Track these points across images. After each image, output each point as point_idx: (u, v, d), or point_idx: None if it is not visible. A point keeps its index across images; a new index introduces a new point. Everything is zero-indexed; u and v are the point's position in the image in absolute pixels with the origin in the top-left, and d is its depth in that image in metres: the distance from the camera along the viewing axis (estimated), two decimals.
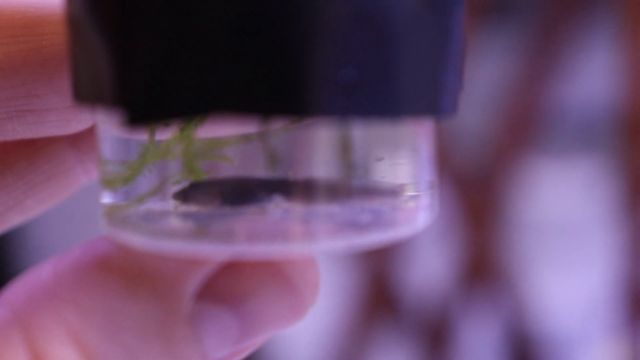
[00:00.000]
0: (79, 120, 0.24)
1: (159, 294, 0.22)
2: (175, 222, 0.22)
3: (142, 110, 0.20)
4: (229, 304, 0.23)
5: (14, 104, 0.24)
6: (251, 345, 0.23)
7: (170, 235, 0.22)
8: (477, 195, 1.08)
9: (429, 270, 1.09)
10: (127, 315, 0.22)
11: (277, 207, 0.22)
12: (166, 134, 0.22)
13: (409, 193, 0.23)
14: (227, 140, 0.22)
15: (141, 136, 0.22)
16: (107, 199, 0.23)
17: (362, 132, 0.22)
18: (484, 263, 1.08)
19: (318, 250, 0.22)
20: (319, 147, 0.22)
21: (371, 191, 0.22)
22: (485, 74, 1.08)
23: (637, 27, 1.02)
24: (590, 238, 1.11)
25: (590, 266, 1.10)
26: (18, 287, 0.22)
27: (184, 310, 0.22)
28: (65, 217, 1.20)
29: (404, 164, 0.23)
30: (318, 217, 0.22)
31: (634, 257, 1.04)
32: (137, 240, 0.22)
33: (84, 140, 0.26)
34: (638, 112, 1.03)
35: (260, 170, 0.22)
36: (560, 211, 1.15)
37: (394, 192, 0.22)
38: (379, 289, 1.09)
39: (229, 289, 0.23)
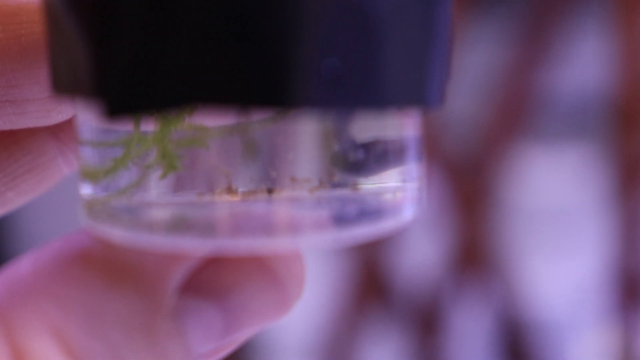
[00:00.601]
0: (60, 111, 0.24)
1: (141, 288, 0.22)
2: (155, 214, 0.22)
3: (120, 102, 0.19)
4: (212, 298, 0.22)
5: None
6: (236, 339, 0.23)
7: (151, 228, 0.22)
8: (468, 183, 1.08)
9: (420, 257, 1.09)
10: (109, 309, 0.21)
11: (260, 198, 0.22)
12: (149, 125, 0.22)
13: (396, 184, 0.22)
14: (208, 130, 0.21)
15: (122, 127, 0.22)
16: (86, 190, 0.23)
17: (346, 124, 0.22)
18: (475, 250, 1.08)
19: (302, 244, 0.22)
20: (302, 138, 0.22)
21: (357, 183, 0.22)
22: (476, 60, 1.08)
23: (629, 13, 1.02)
24: (582, 225, 1.11)
25: (581, 253, 1.09)
26: None
27: (167, 304, 0.22)
28: (50, 207, 1.20)
29: (390, 156, 0.22)
30: (302, 210, 0.22)
31: (625, 244, 1.04)
32: (117, 233, 0.21)
33: (64, 130, 0.26)
34: (629, 98, 1.03)
35: (240, 161, 0.22)
36: (552, 198, 1.14)
37: (379, 183, 0.22)
38: (370, 276, 1.09)
39: (212, 282, 0.22)
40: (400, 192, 0.22)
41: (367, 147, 0.22)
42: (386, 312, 1.09)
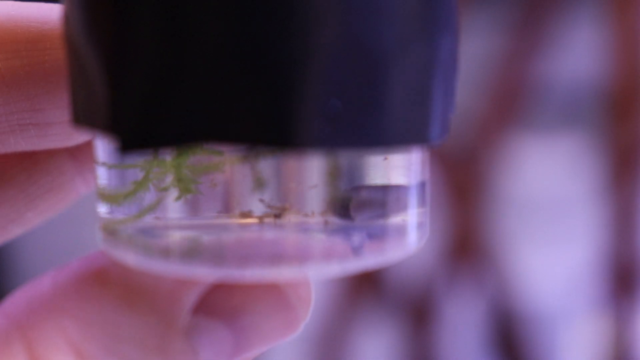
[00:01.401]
0: (81, 134, 0.25)
1: (157, 308, 0.22)
2: (168, 240, 0.23)
3: (133, 137, 0.20)
4: (224, 318, 0.23)
5: (16, 118, 0.24)
6: (245, 358, 0.24)
7: (164, 255, 0.22)
8: (462, 172, 1.08)
9: None
10: (126, 327, 0.22)
11: (269, 225, 0.22)
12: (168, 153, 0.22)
13: (401, 216, 0.23)
14: (223, 156, 0.22)
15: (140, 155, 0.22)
16: (103, 212, 0.23)
17: (352, 160, 0.22)
18: (468, 240, 1.08)
19: (309, 274, 0.23)
20: (309, 173, 0.22)
21: (364, 215, 0.22)
22: (469, 50, 1.07)
23: (622, 3, 1.02)
24: (575, 215, 1.11)
25: (574, 243, 1.10)
26: (18, 298, 0.23)
27: (181, 324, 0.22)
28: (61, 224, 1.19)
29: (396, 188, 0.23)
30: (309, 240, 0.22)
31: (618, 234, 1.04)
32: (131, 258, 0.22)
33: (82, 151, 0.26)
34: (623, 88, 1.03)
35: (250, 189, 0.22)
36: (545, 188, 1.15)
37: (385, 214, 0.22)
38: None
39: (224, 304, 0.23)
40: (405, 223, 0.23)
41: (371, 190, 0.22)
42: (379, 303, 1.09)
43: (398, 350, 1.09)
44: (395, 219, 0.23)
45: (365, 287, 1.09)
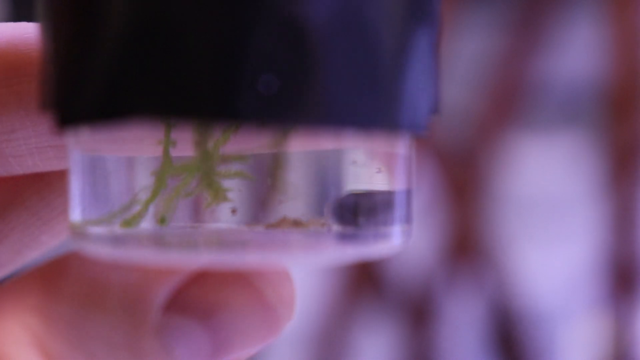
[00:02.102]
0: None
1: (125, 304, 0.22)
2: (142, 231, 0.22)
3: (65, 112, 0.20)
4: (198, 316, 0.22)
5: (35, 141, 0.24)
6: None
7: (135, 243, 0.22)
8: (461, 171, 1.08)
9: (413, 246, 1.09)
10: (93, 324, 0.21)
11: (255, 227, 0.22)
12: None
13: (381, 213, 0.22)
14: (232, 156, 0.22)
15: (107, 154, 0.22)
16: (76, 215, 0.23)
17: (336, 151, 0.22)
18: (467, 239, 1.08)
19: (288, 261, 0.22)
20: (295, 177, 0.22)
21: (368, 220, 0.22)
22: (468, 48, 1.07)
23: (623, 2, 1.01)
24: (574, 214, 1.11)
25: (573, 242, 1.10)
26: None
27: (151, 321, 0.22)
28: None
29: (376, 183, 0.22)
30: (292, 234, 0.22)
31: (617, 232, 1.04)
32: (102, 250, 0.22)
33: None
34: (623, 87, 1.03)
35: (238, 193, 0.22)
36: (544, 187, 1.14)
37: (373, 212, 0.22)
38: (363, 265, 1.08)
39: (198, 301, 0.22)
40: (390, 222, 0.22)
41: (369, 196, 0.22)
42: (379, 301, 1.09)
43: (397, 349, 1.09)
44: (376, 217, 0.22)
45: (365, 286, 1.09)
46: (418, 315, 1.08)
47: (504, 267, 1.08)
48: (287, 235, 0.21)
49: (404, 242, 0.22)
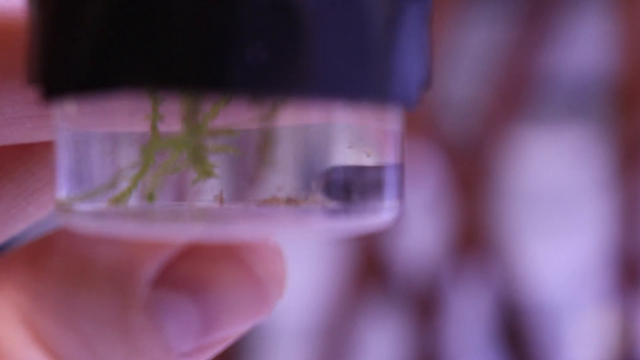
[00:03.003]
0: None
1: (113, 280, 0.21)
2: (128, 209, 0.22)
3: (51, 84, 0.20)
4: (187, 291, 0.22)
5: (10, 111, 0.23)
6: (218, 339, 0.23)
7: (122, 219, 0.22)
8: (467, 165, 1.07)
9: (419, 239, 1.09)
10: (81, 300, 0.21)
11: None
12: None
13: (372, 189, 0.22)
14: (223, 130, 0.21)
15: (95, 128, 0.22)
16: (63, 192, 0.22)
17: (322, 126, 0.22)
18: (473, 232, 1.07)
19: (277, 234, 0.22)
20: (286, 155, 0.21)
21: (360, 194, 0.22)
22: (475, 41, 1.07)
23: None
24: (581, 207, 1.11)
25: (580, 235, 1.09)
26: None
27: (140, 297, 0.21)
28: None
29: (366, 157, 0.22)
30: (284, 209, 0.22)
31: (624, 226, 1.03)
32: (88, 226, 0.21)
33: None
34: (630, 80, 1.02)
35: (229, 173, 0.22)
36: (551, 180, 1.14)
37: (362, 186, 0.22)
38: (368, 258, 1.08)
39: (187, 277, 0.22)
40: (380, 196, 0.22)
41: (359, 170, 0.22)
42: (385, 295, 1.09)
43: (403, 343, 1.09)
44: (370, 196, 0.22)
45: (371, 278, 1.09)
46: (424, 308, 1.08)
47: (511, 260, 1.07)
48: (276, 209, 0.21)
49: (394, 217, 0.22)
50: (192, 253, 0.22)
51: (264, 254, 0.22)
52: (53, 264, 0.21)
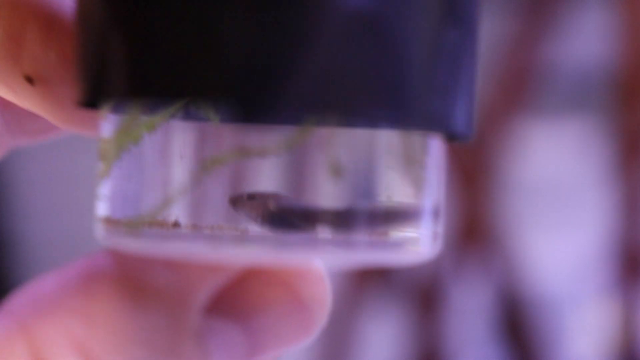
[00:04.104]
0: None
1: (165, 307, 0.21)
2: (178, 230, 0.22)
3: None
4: (237, 319, 0.22)
5: None
6: None
7: (170, 239, 0.21)
8: (469, 157, 1.07)
9: None
10: (134, 328, 0.21)
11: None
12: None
13: (414, 219, 0.22)
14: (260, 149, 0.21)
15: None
16: (104, 211, 0.22)
17: (364, 149, 0.21)
18: (475, 225, 1.07)
19: (320, 258, 0.22)
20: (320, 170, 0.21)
21: (386, 216, 0.21)
22: None
23: None
24: (583, 200, 1.10)
25: (582, 228, 1.09)
26: (22, 297, 0.22)
27: (192, 324, 0.22)
28: (63, 214, 1.19)
29: (411, 185, 0.22)
30: (327, 234, 0.21)
31: (625, 218, 1.03)
32: (139, 245, 0.21)
33: (9, 107, 0.25)
34: (632, 72, 1.02)
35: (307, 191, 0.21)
36: (553, 173, 1.14)
37: (403, 218, 0.22)
38: None
39: (238, 304, 0.22)
40: (419, 227, 0.22)
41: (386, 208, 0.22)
42: (386, 288, 1.09)
43: (405, 336, 1.08)
44: (410, 221, 0.22)
45: (373, 273, 1.09)
46: (426, 301, 1.08)
47: (512, 253, 1.07)
48: (318, 235, 0.21)
49: (432, 250, 0.22)
50: (242, 278, 0.22)
51: (309, 278, 0.23)
52: (106, 291, 0.21)
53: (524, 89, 1.07)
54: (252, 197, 0.21)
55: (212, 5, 0.19)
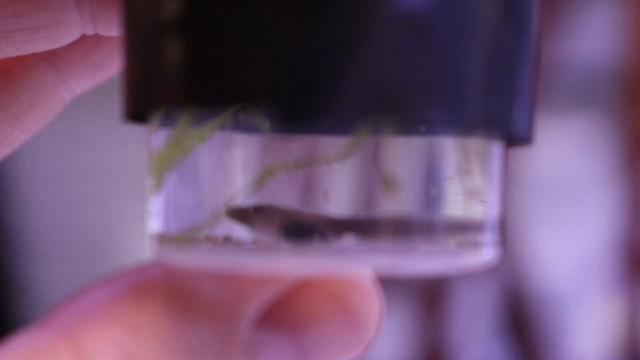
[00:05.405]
0: (70, 34, 0.24)
1: (216, 319, 0.21)
2: (228, 244, 0.21)
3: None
4: (288, 333, 0.22)
5: (1, 24, 0.23)
6: None
7: (220, 253, 0.21)
8: None
9: None
10: (182, 339, 0.21)
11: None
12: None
13: (477, 225, 0.21)
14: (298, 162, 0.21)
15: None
16: (160, 225, 0.22)
17: (425, 159, 0.21)
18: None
19: (376, 268, 0.21)
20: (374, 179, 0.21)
21: (444, 226, 0.21)
22: None
23: None
24: (588, 196, 1.10)
25: (587, 225, 1.09)
26: (67, 307, 0.22)
27: (241, 337, 0.21)
28: (70, 207, 1.19)
29: (474, 192, 0.21)
30: (384, 243, 0.21)
31: (631, 216, 1.03)
32: (196, 258, 0.21)
33: (62, 59, 0.25)
34: (638, 70, 1.02)
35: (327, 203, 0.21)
36: (558, 170, 1.14)
37: (463, 227, 0.21)
38: None
39: (288, 318, 0.22)
40: (481, 233, 0.22)
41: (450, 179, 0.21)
42: (392, 285, 1.09)
43: (410, 333, 1.08)
44: (472, 230, 0.22)
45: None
46: (431, 298, 1.08)
47: (518, 249, 1.07)
48: (376, 245, 0.21)
49: (494, 258, 0.22)
50: (292, 291, 0.22)
51: (360, 291, 0.22)
52: (155, 302, 0.21)
53: None
54: (259, 209, 0.21)
55: (264, 11, 0.19)
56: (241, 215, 0.21)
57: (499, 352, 1.09)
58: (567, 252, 1.12)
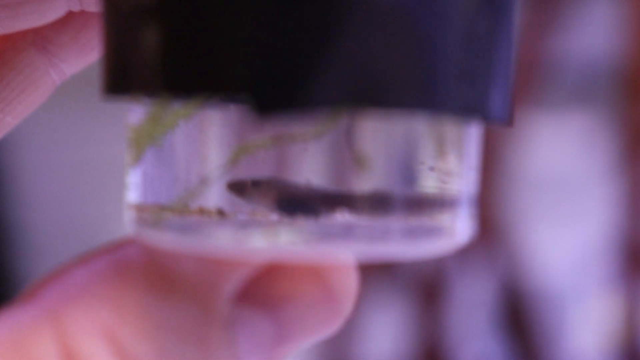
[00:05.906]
0: (55, 8, 0.24)
1: (195, 296, 0.22)
2: (211, 219, 0.22)
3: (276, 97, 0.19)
4: (265, 309, 0.22)
5: None
6: (285, 351, 0.23)
7: (201, 233, 0.22)
8: None
9: None
10: (162, 315, 0.21)
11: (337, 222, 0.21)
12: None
13: (452, 204, 0.22)
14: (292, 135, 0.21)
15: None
16: (135, 197, 0.22)
17: (403, 136, 0.21)
18: (479, 218, 1.07)
19: (355, 252, 0.22)
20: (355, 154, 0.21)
21: (419, 203, 0.21)
22: None
23: None
24: (587, 193, 1.10)
25: (585, 221, 1.09)
26: (49, 286, 0.22)
27: (220, 313, 0.22)
28: (68, 199, 1.19)
29: (449, 173, 0.21)
30: (362, 223, 0.21)
31: (629, 212, 1.03)
32: (168, 239, 0.21)
33: (52, 42, 0.25)
34: (637, 66, 1.02)
35: (316, 176, 0.21)
36: (557, 166, 1.14)
37: (439, 204, 0.21)
38: None
39: (266, 294, 0.22)
40: (455, 212, 0.22)
41: (424, 161, 0.22)
42: (390, 280, 1.09)
43: (408, 329, 1.08)
44: (447, 208, 0.22)
45: (376, 265, 1.08)
46: (429, 293, 1.08)
47: (516, 246, 1.07)
48: (350, 225, 0.21)
49: (465, 239, 0.22)
50: (270, 267, 0.22)
51: (338, 267, 0.23)
52: (135, 279, 0.21)
53: (529, 82, 1.07)
54: (257, 183, 0.21)
55: None
56: (239, 188, 0.21)
57: (496, 348, 1.09)
58: (565, 248, 1.12)
